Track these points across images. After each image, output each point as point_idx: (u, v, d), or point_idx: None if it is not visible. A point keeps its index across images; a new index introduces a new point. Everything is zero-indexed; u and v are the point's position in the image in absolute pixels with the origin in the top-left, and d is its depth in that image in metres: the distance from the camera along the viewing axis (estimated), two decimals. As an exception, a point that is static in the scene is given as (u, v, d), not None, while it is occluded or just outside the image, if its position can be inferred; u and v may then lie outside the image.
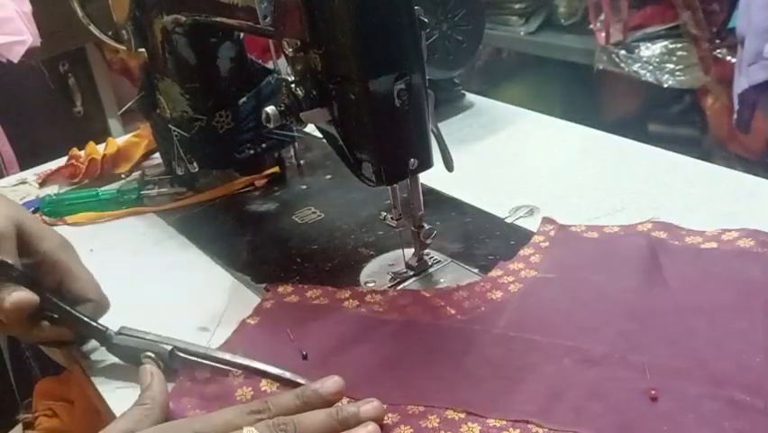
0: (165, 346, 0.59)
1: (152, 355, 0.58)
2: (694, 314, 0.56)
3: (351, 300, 0.65)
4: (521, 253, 0.68)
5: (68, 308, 0.61)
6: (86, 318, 0.61)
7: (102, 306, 0.64)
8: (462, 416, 0.51)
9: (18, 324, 0.60)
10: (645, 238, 0.66)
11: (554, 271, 0.64)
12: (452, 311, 0.61)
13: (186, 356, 0.59)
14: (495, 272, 0.66)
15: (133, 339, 0.60)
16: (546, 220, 0.72)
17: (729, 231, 0.65)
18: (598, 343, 0.55)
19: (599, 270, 0.63)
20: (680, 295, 0.59)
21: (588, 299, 0.60)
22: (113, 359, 0.63)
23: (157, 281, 0.74)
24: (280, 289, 0.68)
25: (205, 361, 0.58)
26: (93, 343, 0.66)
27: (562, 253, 0.67)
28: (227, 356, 0.58)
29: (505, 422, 0.50)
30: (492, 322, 0.59)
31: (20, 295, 0.58)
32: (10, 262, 0.59)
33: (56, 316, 0.61)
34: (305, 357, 0.59)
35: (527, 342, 0.56)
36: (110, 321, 0.64)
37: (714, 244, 0.64)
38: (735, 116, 1.40)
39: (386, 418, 0.52)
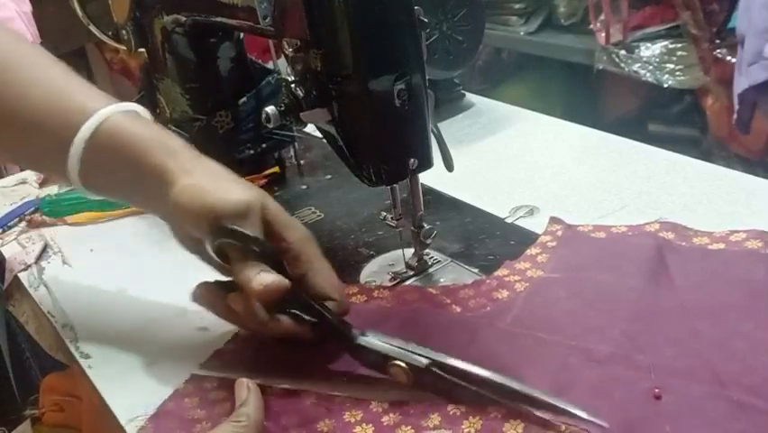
0: (420, 359, 0.52)
1: (402, 365, 0.52)
2: (700, 314, 0.56)
3: (358, 296, 0.65)
4: (527, 252, 0.68)
5: (315, 304, 0.56)
6: (332, 318, 0.56)
7: (343, 307, 0.59)
8: (464, 410, 0.51)
9: (257, 315, 0.55)
10: (652, 238, 0.66)
11: (561, 270, 0.64)
12: (458, 309, 0.61)
13: (442, 373, 0.51)
14: (501, 271, 0.66)
15: (383, 345, 0.53)
16: (554, 220, 0.72)
17: (737, 232, 0.65)
18: (603, 343, 0.55)
19: (606, 270, 0.63)
20: (686, 295, 0.59)
21: (594, 299, 0.60)
22: (111, 357, 0.63)
23: (157, 281, 0.74)
24: None
25: (464, 383, 0.51)
26: (92, 341, 0.66)
27: (568, 252, 0.67)
28: (492, 378, 0.50)
29: (506, 411, 0.50)
30: (498, 320, 0.59)
31: (271, 278, 0.53)
32: (258, 237, 0.54)
33: (295, 311, 0.56)
34: None
35: (532, 340, 0.56)
36: (111, 320, 0.63)
37: (722, 246, 0.64)
38: (735, 116, 1.40)
39: (386, 418, 0.52)
